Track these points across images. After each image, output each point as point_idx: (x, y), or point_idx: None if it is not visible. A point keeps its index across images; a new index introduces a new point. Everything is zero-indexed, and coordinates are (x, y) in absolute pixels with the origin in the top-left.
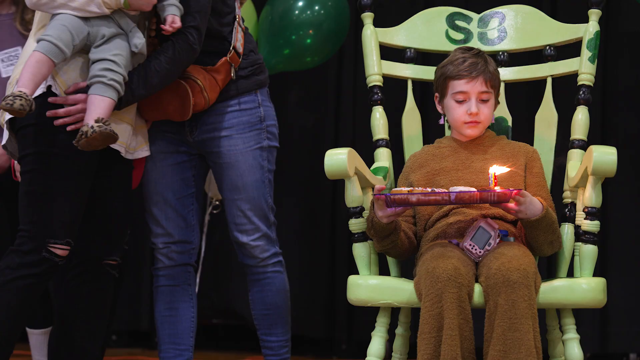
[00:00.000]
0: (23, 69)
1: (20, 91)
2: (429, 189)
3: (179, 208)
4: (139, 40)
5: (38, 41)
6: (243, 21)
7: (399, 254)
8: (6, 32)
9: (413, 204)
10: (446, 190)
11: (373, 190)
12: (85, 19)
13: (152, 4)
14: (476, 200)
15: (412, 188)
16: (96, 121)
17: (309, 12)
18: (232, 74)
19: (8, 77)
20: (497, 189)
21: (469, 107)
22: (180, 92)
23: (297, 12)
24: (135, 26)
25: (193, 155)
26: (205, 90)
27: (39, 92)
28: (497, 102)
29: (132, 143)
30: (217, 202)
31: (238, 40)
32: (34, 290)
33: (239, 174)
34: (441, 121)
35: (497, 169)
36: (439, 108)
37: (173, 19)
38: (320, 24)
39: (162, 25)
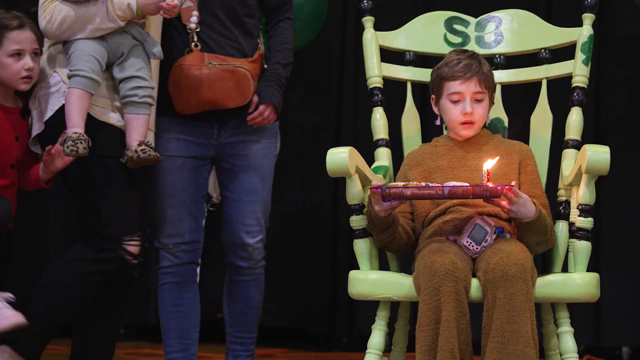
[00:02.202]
0: (68, 108)
1: (76, 133)
2: (423, 183)
3: (193, 210)
4: (156, 47)
5: (70, 77)
6: None
7: (398, 248)
8: None
9: (408, 197)
10: (440, 185)
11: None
12: (101, 38)
13: (159, 9)
14: (469, 195)
15: (407, 182)
16: (139, 144)
17: None
18: (264, 65)
19: None
20: (490, 184)
21: (464, 107)
22: (238, 77)
23: None
24: (147, 34)
25: (207, 159)
26: (253, 77)
27: (57, 106)
28: (491, 103)
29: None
30: (217, 201)
31: (260, 37)
32: (100, 287)
33: (261, 178)
34: (437, 122)
35: (490, 164)
36: (435, 109)
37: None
38: (301, 8)
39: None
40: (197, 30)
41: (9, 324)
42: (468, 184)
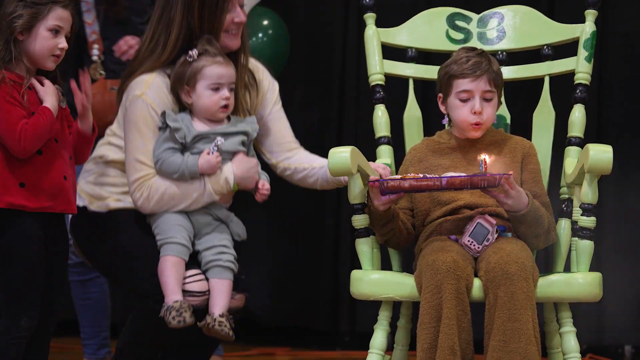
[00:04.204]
0: (164, 276)
1: (177, 302)
2: (421, 175)
3: None
4: (241, 229)
5: (163, 245)
6: None
7: (398, 242)
8: None
9: (406, 189)
10: (437, 176)
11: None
12: (185, 215)
13: (255, 182)
14: (467, 185)
15: (404, 175)
16: (221, 316)
17: (253, 39)
18: None
19: None
20: (488, 174)
21: (473, 105)
22: None
23: None
24: (233, 215)
25: None
26: None
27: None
28: (499, 102)
29: None
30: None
31: None
32: None
33: None
34: (444, 121)
35: (487, 156)
36: (442, 108)
37: (264, 183)
38: (263, 50)
39: (257, 194)
40: (101, 60)
41: None
42: (466, 174)
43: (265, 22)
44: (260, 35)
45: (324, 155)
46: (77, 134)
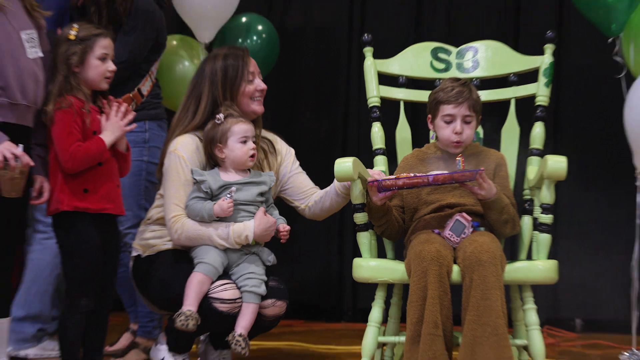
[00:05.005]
0: (188, 288)
1: (190, 310)
2: (412, 174)
3: None
4: (270, 255)
5: (197, 264)
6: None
7: (392, 233)
8: (22, 10)
9: (400, 186)
10: (425, 174)
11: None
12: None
13: (274, 232)
14: (449, 180)
15: (398, 175)
16: (240, 335)
17: (248, 41)
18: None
19: (34, 60)
20: (466, 170)
21: (455, 127)
22: None
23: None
24: (262, 245)
25: None
26: None
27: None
28: (478, 124)
29: None
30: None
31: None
32: None
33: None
34: (432, 138)
35: (463, 156)
36: (430, 127)
37: (284, 226)
38: (257, 54)
39: (280, 236)
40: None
41: None
42: (448, 172)
43: (260, 27)
44: (254, 38)
45: (332, 162)
46: (114, 152)
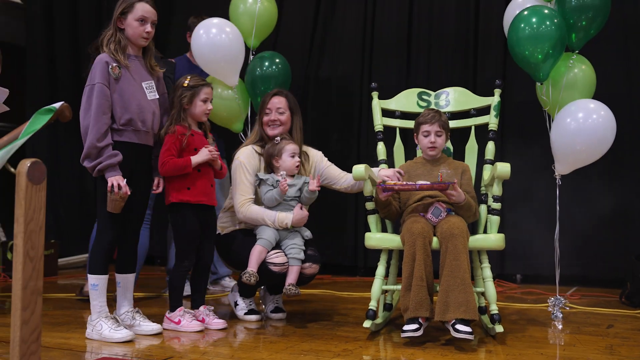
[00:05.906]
0: (252, 255)
1: (252, 270)
2: (404, 182)
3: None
4: (307, 232)
5: (258, 239)
6: None
7: (392, 216)
8: (143, 68)
9: (396, 190)
10: (414, 183)
11: (377, 184)
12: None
13: (304, 223)
14: (431, 188)
15: (395, 182)
16: (290, 284)
17: (268, 70)
18: None
19: (152, 100)
20: (443, 182)
21: (430, 138)
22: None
23: (262, 69)
24: (303, 226)
25: None
26: None
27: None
28: (447, 137)
29: None
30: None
31: None
32: None
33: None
34: (417, 149)
35: (442, 171)
36: (415, 141)
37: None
38: (277, 77)
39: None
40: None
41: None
42: (429, 182)
43: (277, 60)
44: (273, 67)
45: (350, 168)
46: (211, 166)
